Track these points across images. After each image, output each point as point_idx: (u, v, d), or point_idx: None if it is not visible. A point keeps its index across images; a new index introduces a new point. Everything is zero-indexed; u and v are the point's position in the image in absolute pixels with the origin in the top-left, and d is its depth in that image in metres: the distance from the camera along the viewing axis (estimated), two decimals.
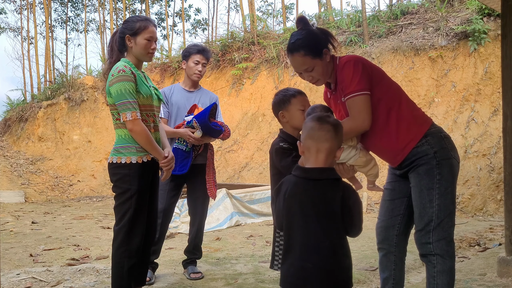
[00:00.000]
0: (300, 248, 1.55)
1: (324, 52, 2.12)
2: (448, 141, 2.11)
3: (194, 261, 3.41)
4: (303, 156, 1.65)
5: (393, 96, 2.13)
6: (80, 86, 12.92)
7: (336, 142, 1.61)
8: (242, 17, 14.43)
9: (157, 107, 2.60)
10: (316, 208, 1.55)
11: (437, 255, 2.03)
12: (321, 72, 2.14)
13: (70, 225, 6.18)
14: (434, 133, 2.10)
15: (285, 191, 1.59)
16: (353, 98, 2.04)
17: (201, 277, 3.28)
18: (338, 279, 1.55)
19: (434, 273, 2.04)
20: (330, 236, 1.55)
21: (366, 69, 2.07)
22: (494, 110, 7.58)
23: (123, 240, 2.40)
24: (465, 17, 8.75)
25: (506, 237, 3.21)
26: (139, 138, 2.39)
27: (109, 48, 2.60)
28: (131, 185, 2.39)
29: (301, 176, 1.59)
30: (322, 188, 1.56)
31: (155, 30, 2.54)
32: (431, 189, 2.03)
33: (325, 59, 2.13)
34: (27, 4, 16.56)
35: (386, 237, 2.27)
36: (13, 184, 10.28)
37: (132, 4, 17.76)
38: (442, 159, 2.05)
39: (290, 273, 1.57)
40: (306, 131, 1.64)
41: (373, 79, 2.09)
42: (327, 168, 1.59)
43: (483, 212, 6.54)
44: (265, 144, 9.93)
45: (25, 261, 3.91)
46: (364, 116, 2.03)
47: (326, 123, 1.62)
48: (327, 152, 1.59)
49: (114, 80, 2.37)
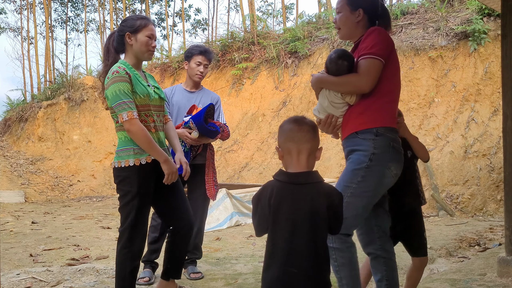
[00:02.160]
0: (285, 253, 1.55)
1: (358, 10, 2.17)
2: (394, 152, 2.07)
3: (194, 261, 3.41)
4: (283, 160, 1.64)
5: (392, 84, 2.14)
6: (80, 86, 12.92)
7: (315, 142, 1.62)
8: (242, 17, 14.44)
9: (158, 107, 2.55)
10: (303, 213, 1.55)
11: (336, 249, 2.01)
12: (344, 21, 2.21)
13: (70, 225, 6.18)
14: (387, 138, 2.06)
15: (270, 197, 1.57)
16: (368, 59, 2.05)
17: (201, 277, 3.28)
18: (320, 281, 1.57)
19: (336, 267, 2.03)
20: (316, 240, 1.56)
21: (390, 45, 2.11)
22: (494, 110, 7.58)
23: (125, 241, 2.41)
24: (465, 17, 8.75)
25: (506, 237, 3.21)
26: (136, 138, 2.36)
27: (105, 50, 2.58)
28: (132, 187, 2.38)
29: (287, 181, 1.59)
30: (309, 192, 1.57)
31: (154, 28, 2.53)
32: (348, 187, 2.03)
33: (355, 15, 2.18)
34: (27, 4, 16.56)
35: (369, 241, 2.26)
36: (13, 184, 10.28)
37: (132, 4, 17.77)
38: (375, 165, 2.02)
39: (274, 279, 1.56)
40: (284, 134, 1.63)
41: (390, 58, 2.11)
42: (312, 171, 1.61)
43: (483, 212, 6.54)
44: (265, 144, 9.93)
45: (25, 261, 3.91)
46: (369, 79, 2.04)
47: (304, 124, 1.62)
48: (308, 153, 1.60)
49: (109, 83, 2.36)
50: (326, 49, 10.44)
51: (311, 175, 1.60)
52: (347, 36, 2.27)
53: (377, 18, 2.24)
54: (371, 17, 2.21)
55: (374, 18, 2.23)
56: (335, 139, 2.31)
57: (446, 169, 7.21)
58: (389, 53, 2.10)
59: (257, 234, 1.67)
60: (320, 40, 10.80)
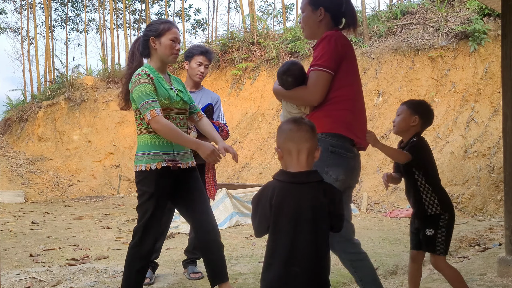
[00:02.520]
0: (287, 253, 1.55)
1: (319, 9, 2.16)
2: (334, 157, 2.07)
3: (194, 261, 3.41)
4: (283, 161, 1.65)
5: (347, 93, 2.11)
6: (80, 86, 12.92)
7: (314, 141, 1.64)
8: (242, 17, 14.44)
9: (181, 110, 2.57)
10: (305, 211, 1.56)
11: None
12: (306, 21, 2.23)
13: (70, 225, 6.18)
14: (326, 143, 2.05)
15: (271, 197, 1.58)
16: (315, 71, 2.06)
17: (201, 277, 3.28)
18: (321, 280, 1.58)
19: None
20: (318, 238, 1.57)
21: (340, 54, 2.07)
22: (494, 110, 7.58)
23: (137, 240, 2.45)
24: (465, 17, 8.76)
25: (506, 237, 3.21)
26: (163, 134, 2.39)
27: (129, 54, 2.65)
28: (148, 188, 2.43)
29: (288, 181, 1.60)
30: (310, 191, 1.58)
31: (178, 31, 2.57)
32: None
33: (317, 14, 2.17)
34: (27, 4, 16.57)
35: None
36: (13, 184, 10.28)
37: (132, 4, 17.76)
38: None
39: (275, 278, 1.56)
40: (284, 134, 1.65)
41: (342, 67, 2.08)
42: (312, 171, 1.62)
43: (483, 212, 6.54)
44: (265, 144, 9.93)
45: (25, 261, 3.91)
46: (316, 92, 2.05)
47: (303, 124, 1.64)
48: (308, 152, 1.61)
49: (133, 86, 2.42)
50: None
51: (311, 174, 1.61)
52: (310, 35, 2.26)
53: (342, 16, 2.20)
54: (334, 15, 2.18)
55: (339, 16, 2.20)
56: None
57: (446, 169, 7.21)
58: (339, 62, 2.07)
59: (257, 235, 1.67)
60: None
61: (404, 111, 2.46)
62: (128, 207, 8.33)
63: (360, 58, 9.71)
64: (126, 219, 6.84)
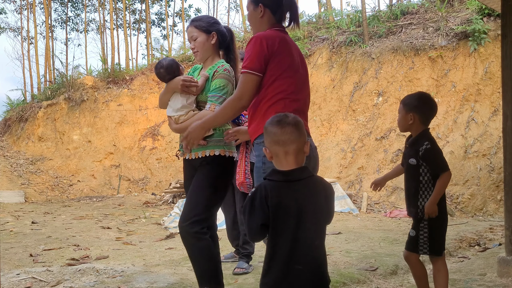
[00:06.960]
0: (289, 252, 1.54)
1: (259, 5, 2.17)
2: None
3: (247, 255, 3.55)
4: (273, 161, 1.65)
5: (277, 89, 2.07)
6: (80, 86, 12.91)
7: (301, 140, 1.62)
8: (242, 17, 14.43)
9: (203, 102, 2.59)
10: (305, 208, 1.56)
11: None
12: (249, 19, 2.27)
13: (70, 225, 6.18)
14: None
15: (265, 197, 1.55)
16: (242, 74, 2.07)
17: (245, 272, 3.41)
18: (324, 273, 1.59)
19: None
20: (319, 234, 1.59)
21: (266, 53, 2.05)
22: (494, 110, 7.58)
23: None
24: (465, 17, 8.76)
25: (506, 237, 3.21)
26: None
27: None
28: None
29: (282, 179, 1.59)
30: (307, 186, 1.59)
31: (190, 29, 2.58)
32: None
33: (258, 11, 2.19)
34: (27, 4, 16.56)
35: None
36: (13, 184, 10.28)
37: (132, 4, 17.75)
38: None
39: (278, 280, 1.55)
40: (269, 137, 1.63)
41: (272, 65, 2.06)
42: (304, 167, 1.62)
43: (483, 212, 6.54)
44: None
45: (25, 261, 3.91)
46: (243, 95, 2.06)
47: (286, 125, 1.61)
48: (295, 153, 1.60)
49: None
50: (326, 49, 10.44)
51: (304, 170, 1.61)
52: (256, 33, 2.21)
53: (283, 10, 2.17)
54: (274, 10, 2.16)
55: (279, 12, 2.17)
56: (334, 139, 2.32)
57: None
58: (266, 62, 2.05)
59: (252, 239, 1.66)
60: (320, 40, 10.80)
61: (401, 110, 2.49)
62: (128, 207, 8.32)
63: (360, 58, 9.71)
64: (126, 219, 6.84)
